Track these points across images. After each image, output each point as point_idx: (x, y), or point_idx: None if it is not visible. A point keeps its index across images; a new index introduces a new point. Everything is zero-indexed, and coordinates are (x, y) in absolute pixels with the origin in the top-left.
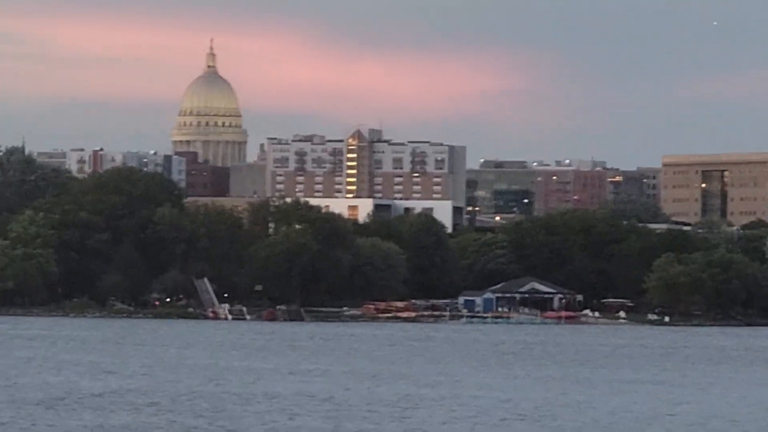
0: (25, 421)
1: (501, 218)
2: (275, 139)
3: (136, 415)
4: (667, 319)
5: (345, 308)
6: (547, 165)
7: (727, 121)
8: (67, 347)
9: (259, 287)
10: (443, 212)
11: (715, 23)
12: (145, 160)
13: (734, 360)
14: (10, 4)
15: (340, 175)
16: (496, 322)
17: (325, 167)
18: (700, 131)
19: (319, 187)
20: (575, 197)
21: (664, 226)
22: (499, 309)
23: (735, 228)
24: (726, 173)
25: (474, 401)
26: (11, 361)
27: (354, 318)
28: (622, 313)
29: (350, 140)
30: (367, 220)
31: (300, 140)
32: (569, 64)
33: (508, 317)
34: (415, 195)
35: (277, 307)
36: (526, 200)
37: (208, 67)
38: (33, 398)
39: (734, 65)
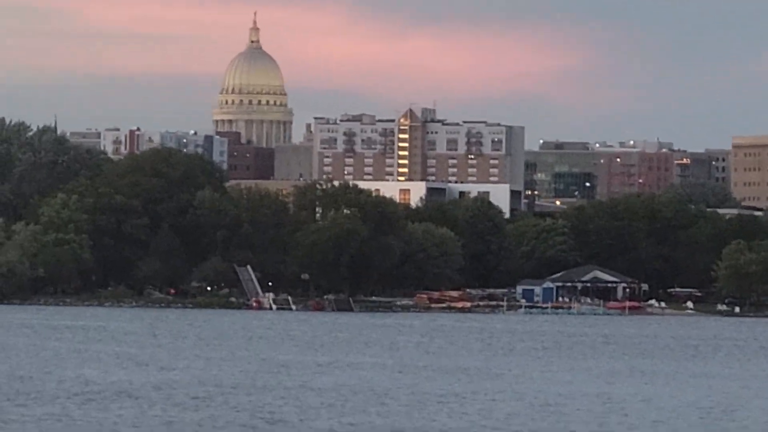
0: (62, 416)
1: (561, 203)
2: (322, 118)
3: (177, 410)
4: (737, 309)
5: (396, 298)
6: (611, 146)
7: None
8: (103, 338)
9: (305, 276)
10: (500, 196)
11: None
12: (184, 140)
13: None
14: None
15: (392, 157)
16: (556, 313)
17: (375, 148)
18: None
19: (368, 169)
20: (640, 180)
21: (734, 211)
22: (560, 299)
23: None
24: None
25: (535, 395)
26: (45, 353)
27: (406, 308)
28: (689, 304)
29: (402, 120)
30: (419, 205)
31: (348, 120)
32: (634, 41)
33: (569, 308)
34: (470, 178)
35: (325, 296)
36: (588, 184)
37: (252, 42)
38: (70, 391)
39: None
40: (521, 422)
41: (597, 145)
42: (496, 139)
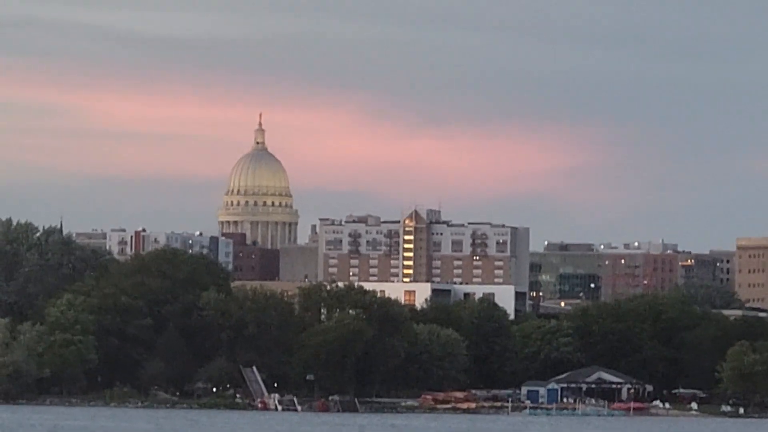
0: None
1: (566, 304)
2: (327, 219)
3: None
4: (742, 410)
5: (401, 399)
6: (615, 248)
7: None
8: None
9: (310, 376)
10: (505, 297)
11: None
12: (190, 241)
13: None
14: (50, 76)
15: (397, 258)
16: (561, 414)
17: (380, 250)
18: None
19: (374, 270)
20: (644, 282)
21: (738, 312)
22: (565, 400)
23: None
24: None
25: None
26: None
27: (411, 409)
28: (694, 405)
29: (407, 221)
30: (424, 306)
31: (354, 221)
32: (638, 142)
33: (574, 408)
34: (475, 279)
35: (330, 397)
36: (592, 285)
37: (257, 143)
38: None
39: None
40: None
41: (602, 246)
42: (500, 241)
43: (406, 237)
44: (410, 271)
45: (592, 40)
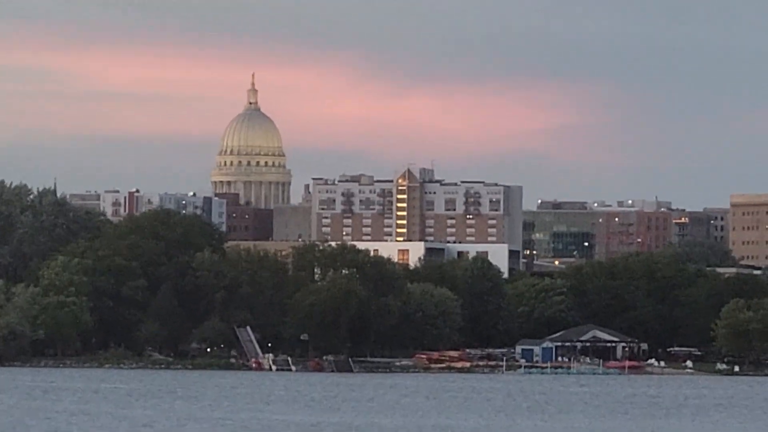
0: None
1: (560, 262)
2: (321, 179)
3: None
4: (737, 368)
5: (396, 358)
6: (609, 206)
7: None
8: (105, 400)
9: (304, 336)
10: (499, 256)
11: None
12: (183, 202)
13: None
14: (43, 39)
15: (390, 218)
16: (555, 373)
17: (373, 209)
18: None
19: (367, 230)
20: (638, 240)
21: (732, 270)
22: (559, 359)
23: None
24: None
25: None
26: (47, 415)
27: (405, 369)
28: (689, 363)
29: (400, 180)
30: (418, 265)
31: (347, 180)
32: (631, 100)
33: (569, 367)
34: (468, 238)
35: (324, 357)
36: (586, 243)
37: (250, 103)
38: None
39: None
40: None
41: (595, 204)
42: (494, 199)
43: (399, 196)
44: (403, 231)
45: (589, 0)
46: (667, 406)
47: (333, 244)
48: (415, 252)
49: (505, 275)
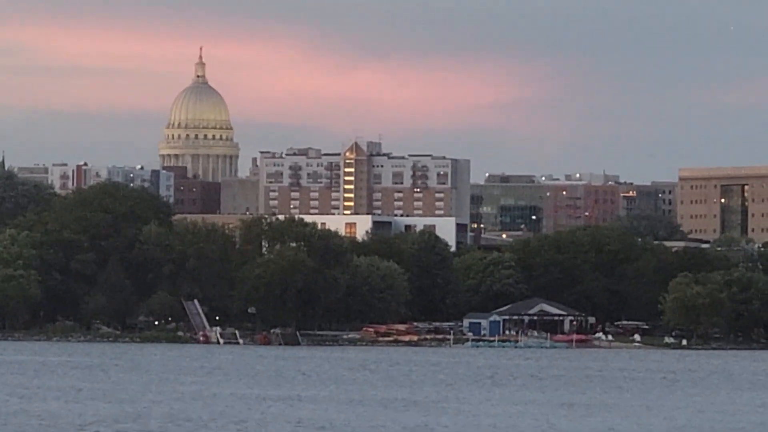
0: None
1: (507, 236)
2: (268, 152)
3: None
4: (684, 342)
5: (343, 332)
6: (557, 179)
7: (748, 132)
8: (52, 373)
9: (252, 309)
10: (446, 229)
11: (731, 28)
12: (131, 175)
13: (727, 384)
14: None
15: (337, 191)
16: (502, 346)
17: (321, 182)
18: (720, 143)
19: (314, 203)
20: (586, 213)
21: (680, 243)
22: (506, 332)
23: (756, 245)
24: (747, 187)
25: (469, 422)
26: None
27: (353, 342)
28: (636, 337)
29: (347, 154)
30: (365, 238)
31: (294, 154)
32: (579, 74)
33: (516, 341)
34: (416, 211)
35: (272, 330)
36: (534, 217)
37: (198, 77)
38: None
39: (754, 72)
40: None
41: (543, 178)
42: (441, 173)
43: (347, 169)
44: (351, 204)
45: None
46: (613, 379)
47: (280, 217)
48: (363, 225)
49: (453, 249)
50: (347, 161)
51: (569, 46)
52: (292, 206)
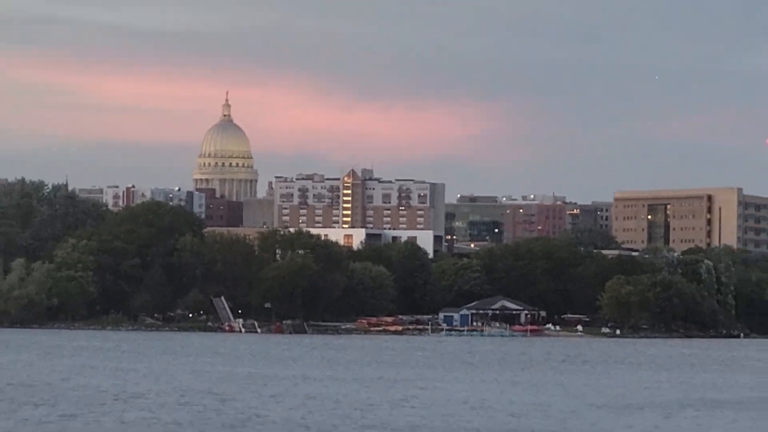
0: (86, 415)
1: (475, 245)
2: (281, 177)
3: (166, 411)
4: (618, 332)
5: (341, 323)
6: (515, 200)
7: (669, 162)
8: (104, 356)
9: (267, 304)
10: (425, 240)
11: (657, 77)
12: (170, 195)
13: (621, 365)
14: (58, 61)
15: (337, 209)
16: (471, 335)
17: (324, 201)
18: (647, 170)
19: (318, 218)
20: (539, 227)
21: (615, 252)
22: (474, 323)
23: (676, 253)
24: (668, 207)
25: (443, 400)
26: (59, 368)
27: (349, 331)
28: (579, 327)
29: (345, 178)
30: (360, 247)
31: (303, 178)
32: (534, 112)
33: (481, 330)
34: (401, 225)
35: (284, 321)
36: (496, 230)
37: (224, 115)
38: (82, 395)
39: (674, 113)
40: (427, 416)
41: (504, 198)
42: (422, 194)
43: (345, 191)
44: (348, 219)
45: (493, 32)
46: (559, 361)
47: (291, 230)
48: (358, 237)
49: (431, 256)
50: (345, 185)
51: (526, 90)
52: (300, 221)
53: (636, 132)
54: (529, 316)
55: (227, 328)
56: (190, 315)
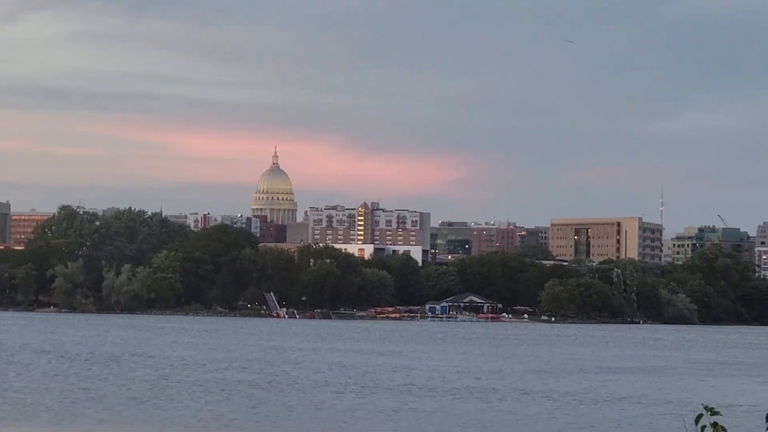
0: (163, 377)
1: (451, 257)
2: (314, 208)
3: (230, 371)
4: (552, 319)
5: (356, 311)
6: (480, 225)
7: (590, 198)
8: (187, 334)
9: (303, 298)
10: (416, 253)
11: (576, 138)
12: (234, 220)
13: (532, 343)
14: (155, 125)
15: (353, 230)
16: (448, 321)
17: (344, 225)
18: (574, 204)
19: (340, 237)
20: (497, 244)
21: (551, 262)
22: (450, 313)
23: (594, 263)
24: (589, 230)
25: (427, 366)
26: (155, 342)
27: (362, 317)
28: (525, 316)
29: (360, 209)
30: (369, 258)
31: (329, 209)
32: (493, 164)
33: (455, 317)
34: (399, 242)
35: (315, 310)
36: (467, 246)
37: (273, 163)
38: (168, 360)
39: (596, 163)
40: (416, 375)
41: (472, 223)
42: (414, 220)
43: (359, 218)
44: (361, 237)
45: (466, 108)
46: (510, 341)
47: (320, 245)
48: (368, 250)
49: (420, 264)
50: (359, 213)
51: (488, 148)
52: (327, 239)
53: (566, 177)
54: (489, 307)
55: (274, 314)
56: (249, 305)
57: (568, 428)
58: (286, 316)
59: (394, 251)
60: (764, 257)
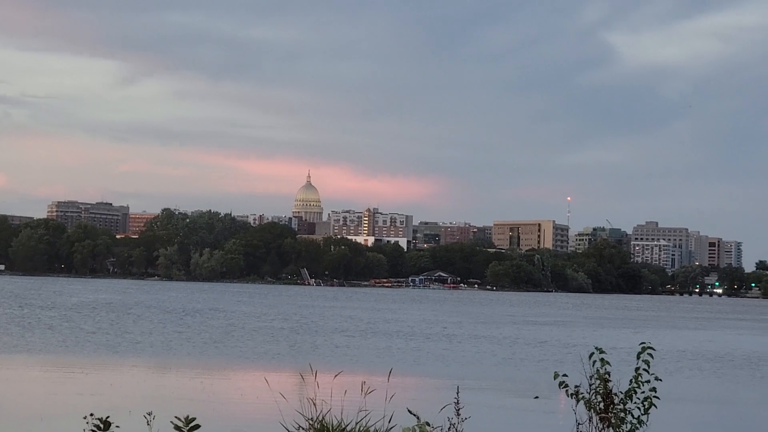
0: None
1: (427, 246)
2: (335, 211)
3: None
4: (494, 289)
5: (362, 281)
6: (446, 224)
7: (522, 208)
8: (246, 295)
9: (326, 273)
10: (403, 243)
11: (514, 167)
12: (280, 219)
13: (474, 304)
14: (225, 154)
15: (361, 227)
16: (424, 289)
17: (354, 223)
18: (510, 209)
19: (352, 231)
20: (457, 237)
21: (494, 250)
22: (425, 283)
23: (522, 251)
24: (520, 228)
25: (409, 319)
26: (221, 303)
27: (366, 286)
28: (476, 286)
29: (365, 212)
30: (371, 245)
31: (345, 212)
32: (457, 183)
33: (428, 287)
34: (392, 235)
35: (334, 280)
36: (437, 238)
37: (307, 180)
38: (229, 315)
39: (526, 185)
40: (397, 327)
41: (441, 223)
42: (401, 221)
43: (365, 219)
44: (366, 232)
45: (442, 146)
46: (465, 302)
47: (338, 236)
48: (370, 241)
49: (405, 250)
50: (365, 215)
51: (452, 173)
52: (344, 232)
53: (505, 192)
54: (452, 280)
55: (306, 283)
56: (289, 277)
57: (505, 362)
58: (314, 284)
59: (388, 241)
60: (637, 248)
